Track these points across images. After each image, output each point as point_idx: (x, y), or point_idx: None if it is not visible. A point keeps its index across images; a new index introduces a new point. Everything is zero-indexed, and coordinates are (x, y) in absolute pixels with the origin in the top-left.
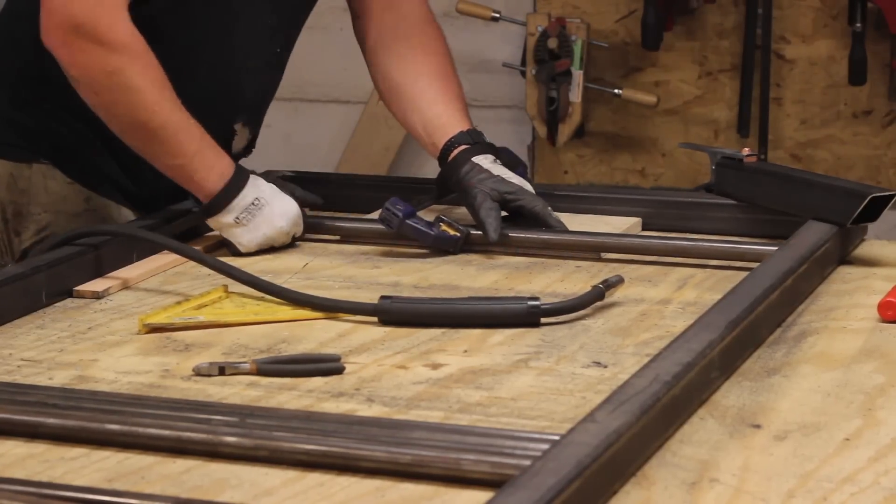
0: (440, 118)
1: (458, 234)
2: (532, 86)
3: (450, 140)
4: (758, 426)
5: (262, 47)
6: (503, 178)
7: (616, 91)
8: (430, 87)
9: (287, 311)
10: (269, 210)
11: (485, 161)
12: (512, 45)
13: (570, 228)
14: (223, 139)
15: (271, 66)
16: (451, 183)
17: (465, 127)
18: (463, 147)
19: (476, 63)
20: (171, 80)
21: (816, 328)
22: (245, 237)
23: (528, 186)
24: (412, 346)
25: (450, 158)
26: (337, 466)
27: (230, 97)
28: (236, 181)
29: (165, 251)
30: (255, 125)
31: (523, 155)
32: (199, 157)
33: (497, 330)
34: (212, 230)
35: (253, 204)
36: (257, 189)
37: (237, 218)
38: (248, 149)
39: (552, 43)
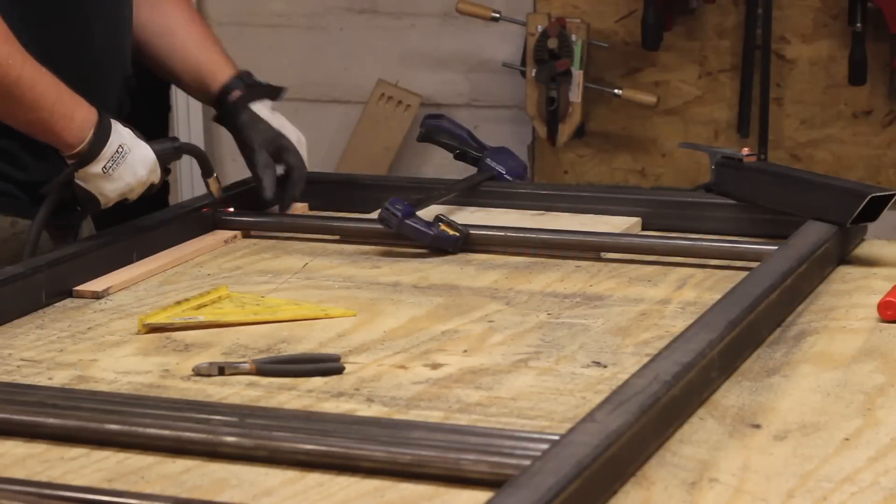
0: (206, 64)
1: (458, 234)
2: (532, 86)
3: (224, 85)
4: (757, 426)
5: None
6: (280, 133)
7: (616, 91)
8: (189, 36)
9: (287, 311)
10: (131, 157)
11: (262, 109)
12: (512, 45)
13: (570, 228)
14: (116, 101)
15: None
16: (231, 128)
17: (233, 71)
18: (238, 93)
19: (476, 63)
20: (69, 52)
21: (816, 328)
22: (109, 187)
23: (303, 140)
24: (412, 345)
25: (227, 103)
26: (336, 466)
27: (119, 55)
28: (103, 129)
29: (164, 251)
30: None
31: (523, 155)
32: (58, 107)
33: (497, 330)
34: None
35: (117, 151)
36: (119, 135)
37: (104, 167)
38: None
39: (552, 43)
